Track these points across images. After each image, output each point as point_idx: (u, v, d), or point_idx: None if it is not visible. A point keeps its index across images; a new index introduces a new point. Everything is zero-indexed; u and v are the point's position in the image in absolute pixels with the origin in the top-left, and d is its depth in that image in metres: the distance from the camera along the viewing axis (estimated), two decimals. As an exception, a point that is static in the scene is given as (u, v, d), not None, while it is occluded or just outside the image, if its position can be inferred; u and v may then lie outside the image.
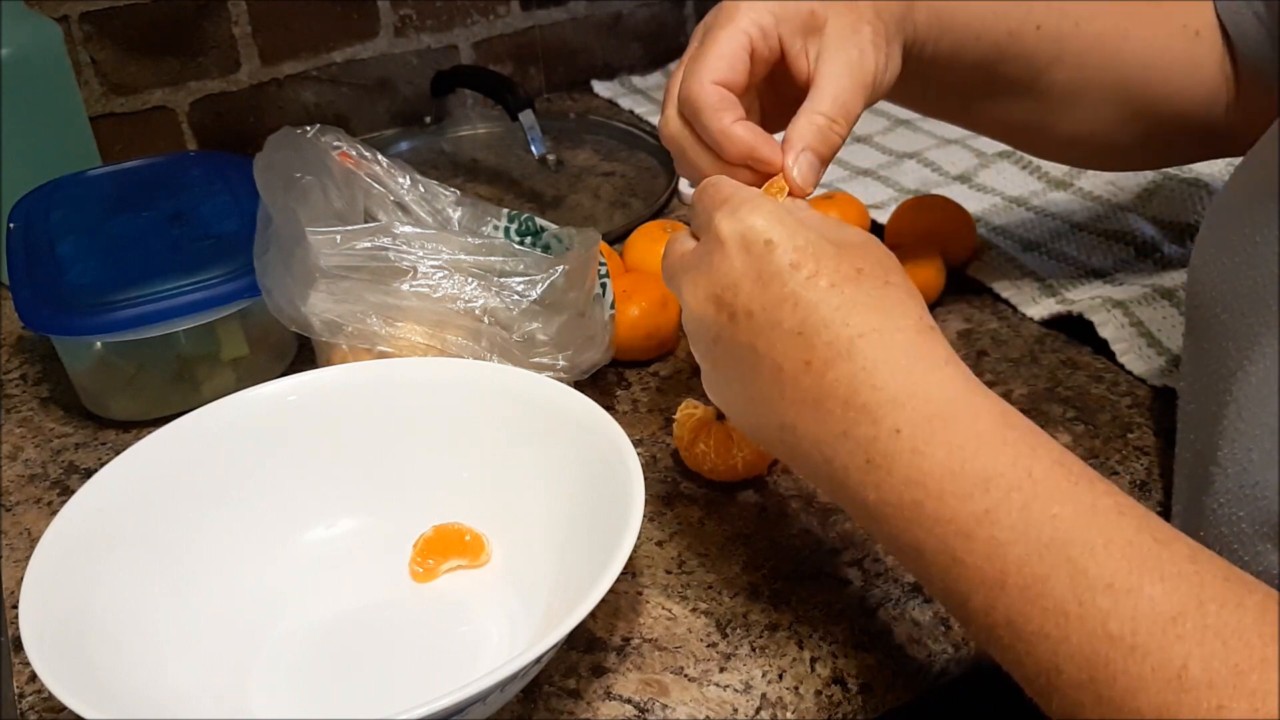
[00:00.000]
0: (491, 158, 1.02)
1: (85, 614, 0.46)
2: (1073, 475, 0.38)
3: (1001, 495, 0.38)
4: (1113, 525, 0.37)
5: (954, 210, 0.77)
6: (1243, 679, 0.33)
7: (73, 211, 0.73)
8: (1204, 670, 0.33)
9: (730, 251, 0.43)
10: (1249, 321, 0.46)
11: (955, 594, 0.39)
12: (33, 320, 0.65)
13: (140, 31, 0.95)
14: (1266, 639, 0.33)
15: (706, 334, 0.45)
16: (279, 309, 0.60)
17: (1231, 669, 0.33)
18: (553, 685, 0.49)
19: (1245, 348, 0.46)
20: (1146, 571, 0.35)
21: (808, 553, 0.56)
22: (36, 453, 0.67)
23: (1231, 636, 0.33)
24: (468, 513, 0.56)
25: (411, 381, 0.57)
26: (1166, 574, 0.35)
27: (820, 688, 0.49)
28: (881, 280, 0.43)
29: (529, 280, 0.61)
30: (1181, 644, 0.34)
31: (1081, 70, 0.61)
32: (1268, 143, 0.50)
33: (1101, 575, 0.35)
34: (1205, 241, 0.52)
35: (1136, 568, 0.35)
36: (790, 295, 0.42)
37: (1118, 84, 0.62)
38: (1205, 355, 0.50)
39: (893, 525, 0.41)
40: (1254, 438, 0.44)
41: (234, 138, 1.02)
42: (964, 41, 0.58)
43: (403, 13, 1.05)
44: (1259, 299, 0.46)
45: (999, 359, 0.69)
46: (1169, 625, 0.34)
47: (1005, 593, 0.37)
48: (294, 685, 0.49)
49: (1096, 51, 0.61)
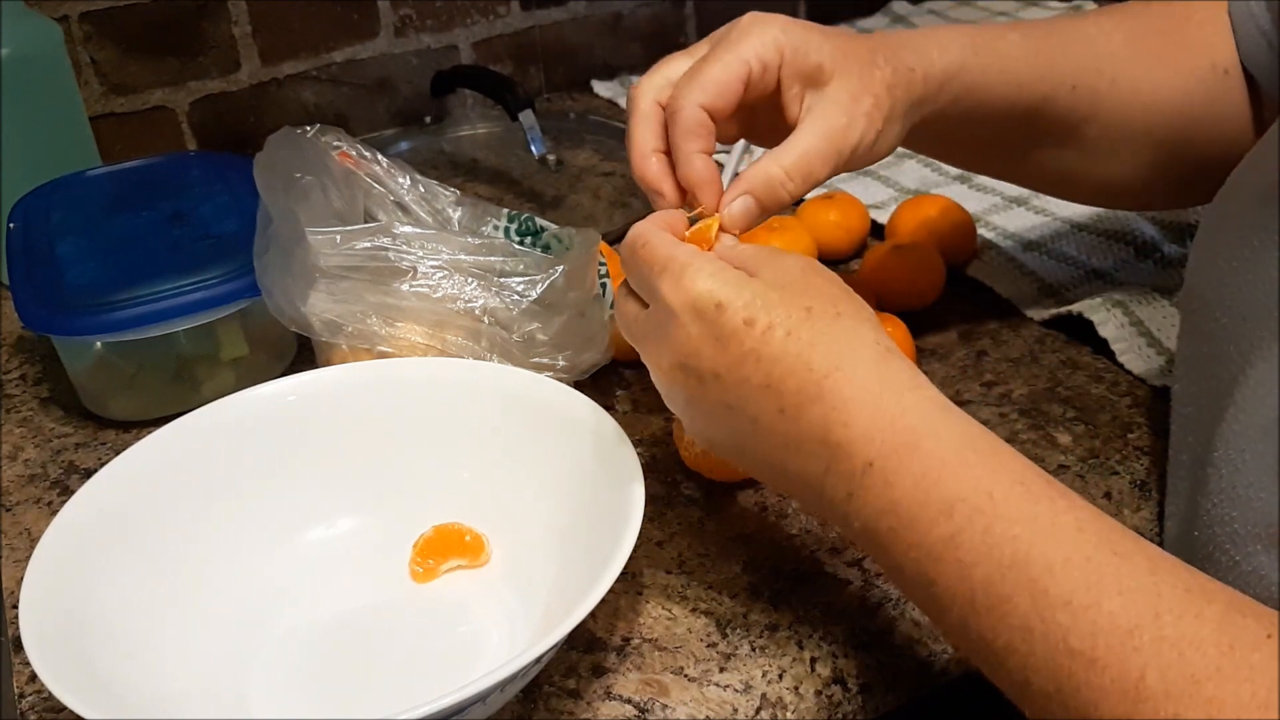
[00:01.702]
0: (491, 158, 1.02)
1: (85, 614, 0.46)
2: (1033, 494, 0.39)
3: (965, 520, 0.39)
4: (1071, 543, 0.38)
5: (954, 210, 0.77)
6: (1198, 688, 0.34)
7: (73, 211, 0.73)
8: (1160, 680, 0.34)
9: (684, 321, 0.44)
10: (1250, 326, 0.46)
11: (934, 611, 0.42)
12: (33, 320, 0.65)
13: (140, 31, 0.95)
14: (1223, 648, 0.34)
15: (679, 397, 0.47)
16: (279, 309, 0.60)
17: (1188, 679, 0.34)
18: (553, 685, 0.49)
19: (1247, 351, 0.46)
20: (1104, 587, 0.36)
21: (808, 553, 0.56)
22: (36, 453, 0.67)
23: (1188, 647, 0.34)
24: (468, 513, 0.56)
25: (411, 381, 0.57)
26: (1124, 588, 0.36)
27: (820, 688, 0.49)
28: (832, 314, 0.44)
29: (529, 280, 0.61)
30: (1138, 655, 0.35)
31: (1116, 123, 0.61)
32: (1267, 146, 0.50)
33: (1061, 593, 0.37)
34: (1202, 244, 0.52)
35: (1095, 584, 0.36)
36: (751, 352, 0.43)
37: (1151, 132, 0.61)
38: (1204, 358, 0.50)
39: (875, 550, 0.43)
40: (1249, 439, 0.44)
41: (234, 138, 1.02)
42: (997, 109, 0.58)
43: (403, 13, 1.05)
44: (1259, 303, 0.46)
45: (999, 359, 0.69)
46: (1126, 638, 0.35)
47: (975, 611, 0.39)
48: (294, 685, 0.49)
49: (1132, 104, 0.60)
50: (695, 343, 0.44)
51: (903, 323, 0.65)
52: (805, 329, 0.43)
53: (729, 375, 0.44)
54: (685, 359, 0.45)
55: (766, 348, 0.43)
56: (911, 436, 0.41)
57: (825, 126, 0.50)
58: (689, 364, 0.45)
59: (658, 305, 0.46)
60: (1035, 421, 0.64)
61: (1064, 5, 1.22)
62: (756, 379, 0.43)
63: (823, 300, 0.44)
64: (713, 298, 0.43)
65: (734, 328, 0.43)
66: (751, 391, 0.43)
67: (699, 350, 0.44)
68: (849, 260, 0.81)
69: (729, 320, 0.43)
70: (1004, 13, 1.23)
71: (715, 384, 0.44)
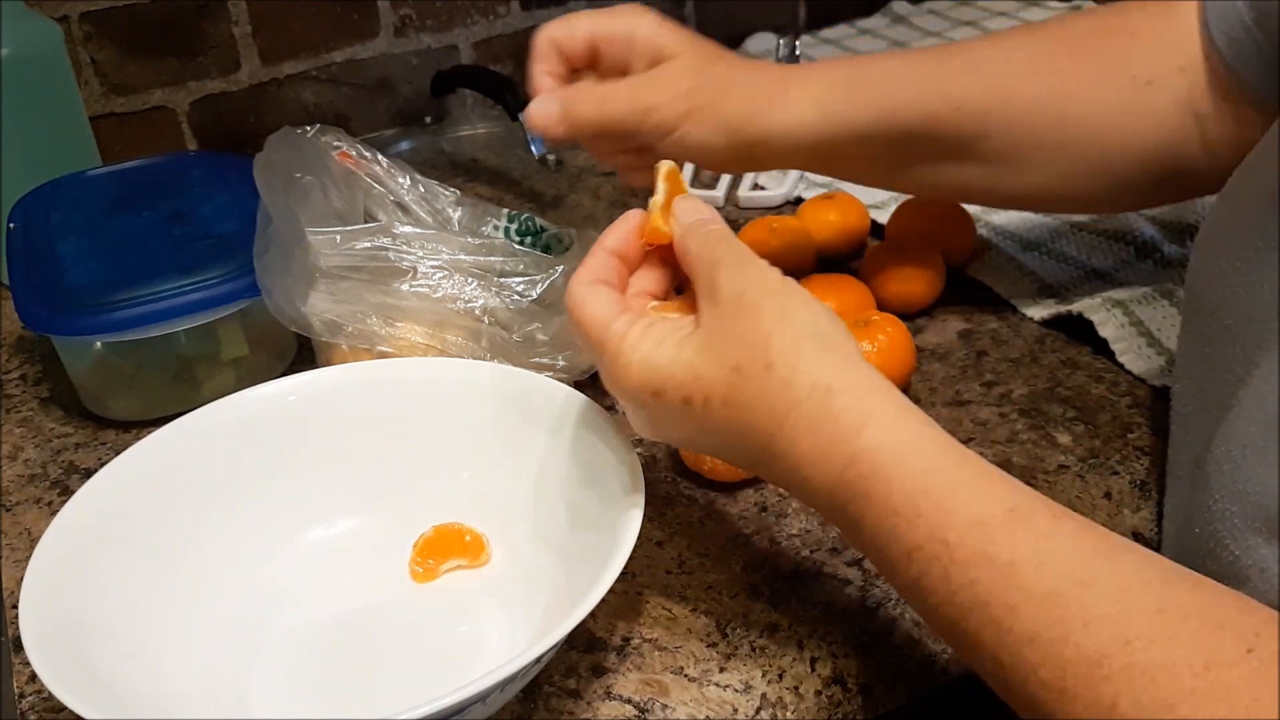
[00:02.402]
0: (491, 158, 1.02)
1: (85, 614, 0.46)
2: (990, 534, 0.39)
3: (924, 565, 0.40)
4: (1032, 581, 0.37)
5: (954, 210, 0.77)
6: (1173, 712, 0.33)
7: (73, 211, 0.73)
8: (1133, 708, 0.34)
9: (634, 410, 0.47)
10: (1256, 327, 0.46)
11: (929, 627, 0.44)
12: (33, 320, 0.65)
13: (140, 31, 0.95)
14: (1197, 670, 0.34)
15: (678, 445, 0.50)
16: (279, 309, 0.60)
17: (1161, 704, 0.34)
18: (553, 685, 0.49)
19: (1252, 352, 0.46)
20: (1069, 621, 0.36)
21: (808, 553, 0.56)
22: (36, 453, 0.67)
23: (1159, 672, 0.34)
24: (468, 513, 0.56)
25: (411, 381, 0.57)
26: (1090, 618, 0.36)
27: (820, 688, 0.49)
28: (761, 366, 0.42)
29: (529, 280, 0.61)
30: (1109, 685, 0.35)
31: (1014, 136, 0.63)
32: (1267, 148, 0.50)
33: (1025, 631, 0.37)
34: (1205, 245, 0.52)
35: (1058, 619, 0.36)
36: (704, 424, 0.44)
37: (1061, 144, 0.63)
38: (1207, 359, 0.50)
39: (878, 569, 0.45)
40: (1250, 437, 0.44)
41: (234, 138, 1.02)
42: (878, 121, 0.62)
43: (403, 13, 1.05)
44: (1264, 305, 0.46)
45: (999, 359, 0.69)
46: (1094, 668, 0.35)
47: (951, 640, 0.41)
48: (294, 685, 0.49)
49: (1031, 116, 0.62)
50: (656, 420, 0.46)
51: (902, 323, 0.65)
52: (738, 394, 0.43)
53: (703, 435, 0.45)
54: (658, 427, 0.47)
55: (710, 421, 0.44)
56: (863, 485, 0.41)
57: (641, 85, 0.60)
58: (664, 431, 0.47)
59: (607, 386, 0.47)
60: (1035, 421, 0.64)
61: (1063, 5, 1.22)
62: (724, 437, 0.45)
63: (752, 352, 0.42)
64: (647, 388, 0.44)
65: (677, 410, 0.44)
66: (727, 442, 0.45)
67: (664, 419, 0.46)
68: (849, 260, 0.81)
69: (670, 401, 0.44)
70: (1004, 13, 1.23)
71: (698, 439, 0.47)
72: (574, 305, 0.47)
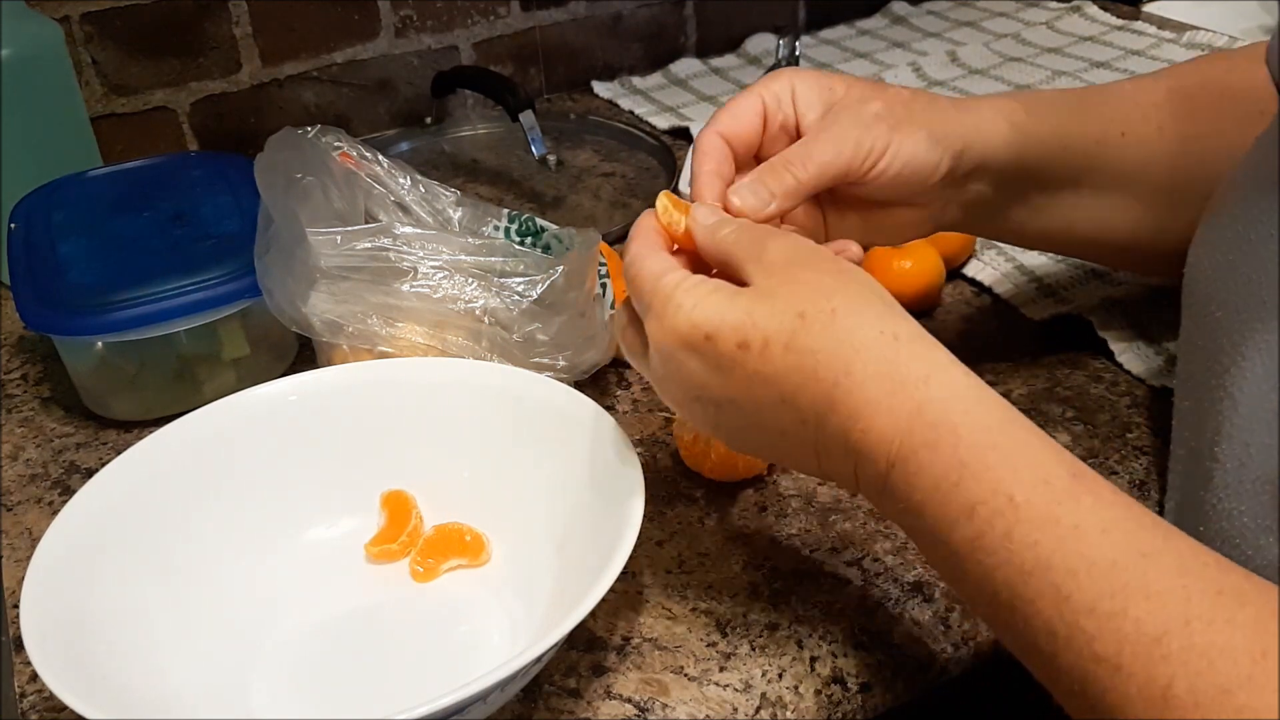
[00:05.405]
0: (492, 158, 1.02)
1: (86, 613, 0.46)
2: (1056, 495, 0.38)
3: (985, 523, 0.39)
4: (1095, 548, 0.37)
5: (954, 210, 0.77)
6: (1228, 698, 0.33)
7: (74, 212, 0.74)
8: (1189, 691, 0.33)
9: (681, 358, 0.44)
10: (1244, 317, 0.46)
11: (964, 599, 0.42)
12: (33, 320, 0.65)
13: (141, 32, 0.95)
14: (1255, 656, 0.33)
15: (704, 424, 0.47)
16: (280, 309, 0.61)
17: (1218, 688, 0.33)
18: (553, 685, 0.49)
19: (1240, 343, 0.46)
20: (1130, 593, 0.35)
21: (808, 553, 0.56)
22: (37, 452, 0.67)
23: (1218, 656, 0.34)
24: (468, 513, 0.56)
25: (411, 381, 0.57)
26: (1151, 592, 0.35)
27: (820, 687, 0.49)
28: (827, 313, 0.42)
29: (529, 280, 0.61)
30: (1166, 665, 0.34)
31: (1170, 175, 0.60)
32: (1265, 139, 0.50)
33: (1084, 600, 0.36)
34: (1201, 239, 0.52)
35: (1120, 590, 0.36)
36: (755, 374, 0.43)
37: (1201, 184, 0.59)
38: (1200, 352, 0.50)
39: (912, 539, 0.44)
40: (1252, 432, 0.44)
41: (235, 138, 1.02)
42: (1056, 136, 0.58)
43: (403, 13, 1.05)
44: (1254, 295, 0.46)
45: (998, 359, 0.69)
46: (1153, 646, 0.34)
47: (999, 609, 0.39)
48: (294, 685, 0.49)
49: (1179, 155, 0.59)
50: (699, 376, 0.44)
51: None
52: (803, 337, 0.42)
53: (743, 399, 0.43)
54: (696, 392, 0.45)
55: (768, 367, 0.42)
56: (931, 434, 0.40)
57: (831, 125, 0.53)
58: (700, 394, 0.45)
59: (654, 344, 0.45)
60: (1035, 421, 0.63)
61: (1062, 5, 1.22)
62: (770, 397, 0.43)
63: (816, 299, 0.42)
64: (699, 331, 0.43)
65: (730, 354, 0.43)
66: (769, 408, 0.43)
67: (705, 382, 0.44)
68: (849, 260, 0.81)
69: (723, 348, 0.43)
70: (1004, 13, 1.23)
71: (732, 408, 0.44)
72: (630, 261, 0.46)
